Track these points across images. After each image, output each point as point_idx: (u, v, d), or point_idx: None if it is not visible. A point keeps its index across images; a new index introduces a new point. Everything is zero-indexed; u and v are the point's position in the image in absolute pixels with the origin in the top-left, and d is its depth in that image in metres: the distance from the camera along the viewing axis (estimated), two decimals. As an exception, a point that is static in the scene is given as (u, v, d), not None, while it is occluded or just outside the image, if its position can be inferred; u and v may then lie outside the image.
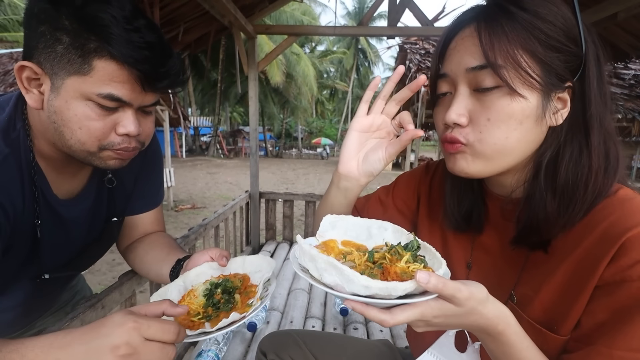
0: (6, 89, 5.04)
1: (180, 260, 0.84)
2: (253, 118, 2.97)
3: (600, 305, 0.48)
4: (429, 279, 0.41)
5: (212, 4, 2.13)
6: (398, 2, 2.64)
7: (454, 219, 0.68)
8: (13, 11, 12.01)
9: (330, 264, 0.44)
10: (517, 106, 0.51)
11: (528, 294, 0.57)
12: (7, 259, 0.69)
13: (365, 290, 0.43)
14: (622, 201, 0.51)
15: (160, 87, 0.67)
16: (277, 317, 1.85)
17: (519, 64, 0.49)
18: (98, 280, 3.78)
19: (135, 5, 0.64)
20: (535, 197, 0.55)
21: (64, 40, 0.59)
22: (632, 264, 0.45)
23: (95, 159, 0.69)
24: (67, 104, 0.62)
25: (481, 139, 0.53)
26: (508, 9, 0.51)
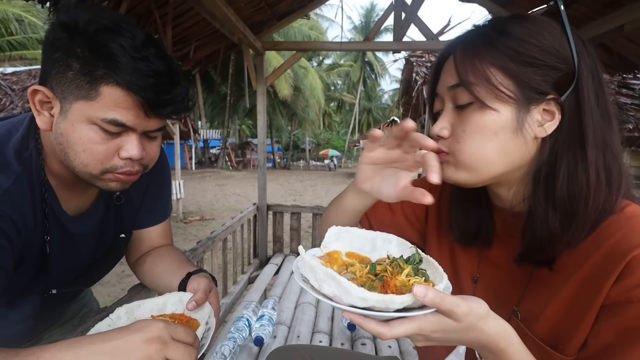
0: (24, 105, 5.22)
1: (190, 274, 0.85)
2: (261, 131, 3.02)
3: (607, 325, 0.48)
4: (426, 292, 0.41)
5: (223, 23, 2.20)
6: (403, 17, 2.69)
7: (460, 233, 0.69)
8: (32, 30, 12.49)
9: (329, 275, 0.45)
10: (489, 119, 0.54)
11: (533, 311, 0.56)
12: (17, 273, 0.70)
13: (362, 302, 0.43)
14: (629, 218, 0.50)
15: (163, 114, 0.69)
16: (284, 332, 1.84)
17: (489, 80, 0.53)
18: (107, 292, 3.81)
19: (149, 35, 0.67)
20: (537, 213, 0.55)
21: (75, 67, 0.62)
22: (638, 284, 0.45)
23: (97, 180, 0.71)
24: (73, 127, 0.64)
25: (459, 148, 0.57)
26: (486, 34, 0.56)
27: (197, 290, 0.75)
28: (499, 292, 0.64)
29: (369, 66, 32.80)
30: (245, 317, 1.81)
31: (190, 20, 2.26)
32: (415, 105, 7.07)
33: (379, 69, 33.22)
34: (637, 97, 5.15)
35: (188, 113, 0.75)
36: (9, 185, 0.66)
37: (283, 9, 2.76)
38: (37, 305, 0.86)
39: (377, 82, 36.01)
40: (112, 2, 1.70)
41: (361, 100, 33.79)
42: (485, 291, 0.67)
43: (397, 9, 2.67)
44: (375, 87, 36.43)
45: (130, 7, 1.76)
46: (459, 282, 0.72)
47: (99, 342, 0.51)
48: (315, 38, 20.65)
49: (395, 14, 2.68)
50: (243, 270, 2.91)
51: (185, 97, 0.69)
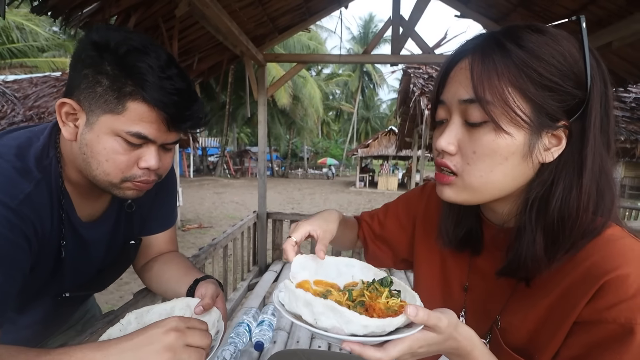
0: (25, 112, 5.27)
1: (198, 281, 0.88)
2: (262, 141, 3.08)
3: (577, 340, 0.51)
4: (417, 312, 0.46)
5: (226, 36, 2.28)
6: (401, 32, 2.78)
7: (450, 239, 0.70)
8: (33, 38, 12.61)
9: (329, 307, 0.46)
10: (502, 142, 0.52)
11: (513, 322, 0.59)
12: (33, 276, 0.74)
13: (363, 330, 0.45)
14: (607, 242, 0.51)
15: (183, 128, 0.74)
16: (283, 337, 1.87)
17: (507, 101, 0.50)
18: (105, 300, 3.81)
19: (170, 55, 0.72)
20: (525, 233, 0.55)
21: (104, 83, 0.67)
22: (608, 307, 0.47)
23: (116, 189, 0.75)
24: (99, 138, 0.69)
25: (469, 170, 0.55)
26: (504, 44, 0.51)
27: (205, 295, 0.79)
28: (485, 301, 0.66)
29: (367, 76, 33.16)
30: (245, 322, 1.84)
31: (194, 34, 2.33)
32: (412, 115, 7.18)
33: (377, 79, 33.58)
34: (628, 110, 5.27)
35: (204, 128, 0.80)
36: (31, 190, 0.69)
37: (284, 22, 2.85)
38: (47, 309, 0.89)
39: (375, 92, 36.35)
40: (122, 16, 1.77)
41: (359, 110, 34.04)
42: (474, 300, 0.68)
43: (394, 23, 2.77)
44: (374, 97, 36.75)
45: (138, 21, 1.83)
46: (449, 290, 0.73)
47: (124, 341, 0.56)
48: (315, 48, 20.90)
49: (393, 29, 2.78)
50: (243, 277, 2.94)
51: (202, 113, 0.75)
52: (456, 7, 2.80)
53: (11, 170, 0.68)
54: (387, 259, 0.92)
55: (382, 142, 19.36)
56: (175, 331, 0.57)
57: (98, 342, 0.57)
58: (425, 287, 0.78)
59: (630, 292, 0.46)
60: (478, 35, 0.57)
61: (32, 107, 5.40)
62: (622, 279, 0.47)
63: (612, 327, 0.47)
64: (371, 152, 19.43)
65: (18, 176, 0.68)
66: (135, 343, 0.56)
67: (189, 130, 0.76)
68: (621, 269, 0.47)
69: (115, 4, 1.62)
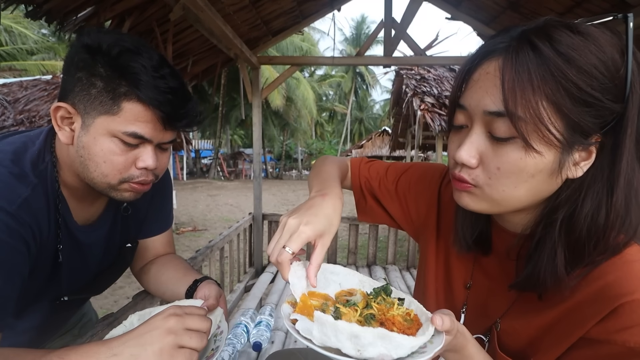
0: (16, 116, 5.21)
1: (197, 282, 0.89)
2: (257, 143, 3.09)
3: (581, 354, 0.50)
4: (443, 321, 0.47)
5: (220, 39, 2.29)
6: (393, 34, 2.82)
7: (466, 244, 0.66)
8: (22, 40, 12.47)
9: (379, 336, 0.44)
10: (531, 161, 0.47)
11: (514, 326, 0.58)
12: (31, 280, 0.74)
13: (410, 350, 0.45)
14: (625, 262, 0.49)
15: (179, 127, 0.75)
16: (281, 337, 1.88)
17: (541, 118, 0.44)
18: (100, 304, 3.78)
19: (162, 56, 0.73)
20: (545, 248, 0.52)
21: (98, 85, 0.68)
22: (619, 329, 0.46)
23: (114, 191, 0.76)
24: (95, 140, 0.70)
25: (490, 184, 0.51)
26: (540, 49, 0.44)
27: (209, 296, 0.81)
28: (486, 301, 0.65)
29: (360, 77, 33.31)
30: (243, 323, 1.85)
31: (188, 37, 2.35)
32: (405, 116, 7.24)
33: (370, 80, 33.74)
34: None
35: (200, 126, 0.81)
36: (28, 195, 0.70)
37: (278, 25, 2.88)
38: (45, 313, 0.89)
39: (369, 93, 36.50)
40: (116, 20, 1.77)
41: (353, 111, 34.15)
42: (475, 299, 0.68)
43: (387, 25, 2.81)
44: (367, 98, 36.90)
45: (132, 25, 1.84)
46: (451, 287, 0.72)
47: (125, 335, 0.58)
48: (307, 49, 20.95)
49: (385, 31, 2.82)
50: (239, 279, 2.95)
51: (197, 112, 0.76)
52: (447, 10, 2.85)
53: (8, 175, 0.68)
54: (382, 218, 0.88)
55: (375, 143, 19.48)
56: (174, 316, 0.58)
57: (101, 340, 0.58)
58: (429, 281, 0.77)
59: None
60: (506, 31, 0.50)
61: (23, 111, 5.34)
62: (638, 304, 0.45)
63: (620, 349, 0.46)
64: (365, 153, 19.52)
65: (15, 181, 0.69)
66: (137, 332, 0.57)
67: (185, 128, 0.77)
68: (638, 294, 0.46)
69: (110, 8, 1.63)
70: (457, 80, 0.54)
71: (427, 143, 8.68)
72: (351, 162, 0.90)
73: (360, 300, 0.57)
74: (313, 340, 0.48)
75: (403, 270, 3.24)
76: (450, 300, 0.72)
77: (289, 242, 0.54)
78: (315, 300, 0.56)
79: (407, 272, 3.20)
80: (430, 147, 10.21)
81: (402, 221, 0.85)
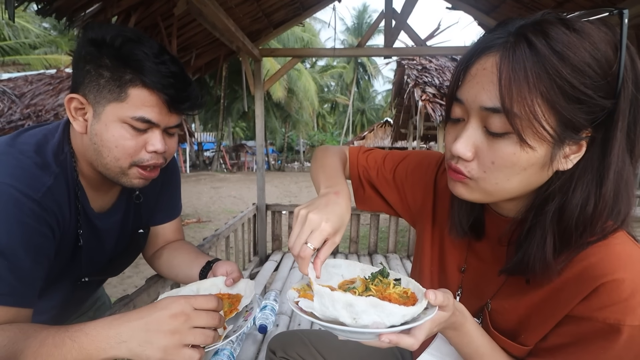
0: (23, 110, 5.27)
1: (210, 262, 0.96)
2: (259, 135, 3.14)
3: (567, 330, 0.55)
4: (436, 295, 0.50)
5: (222, 32, 2.33)
6: (394, 25, 2.84)
7: (462, 230, 0.69)
8: (25, 35, 12.47)
9: (371, 304, 0.48)
10: (524, 156, 0.49)
11: (504, 306, 0.62)
12: (54, 262, 0.79)
13: (402, 319, 0.49)
14: (607, 245, 0.52)
15: (183, 109, 0.80)
16: (285, 321, 1.97)
17: (535, 115, 0.46)
18: (110, 292, 3.84)
19: (161, 44, 0.78)
20: (536, 236, 0.55)
21: (105, 75, 0.72)
22: (600, 307, 0.50)
23: (124, 176, 0.80)
24: (107, 127, 0.74)
25: (485, 178, 0.54)
26: (536, 46, 0.46)
27: (233, 270, 0.88)
28: (479, 284, 0.68)
29: (362, 68, 33.02)
30: (249, 307, 1.93)
31: (192, 31, 2.38)
32: (407, 106, 7.23)
33: (372, 70, 33.45)
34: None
35: (202, 109, 0.86)
36: (52, 183, 0.75)
37: (279, 17, 2.90)
38: (66, 293, 0.95)
39: (370, 84, 36.22)
40: (122, 16, 1.82)
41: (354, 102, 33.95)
42: (469, 282, 0.71)
43: (387, 16, 2.82)
44: (369, 89, 36.63)
45: (138, 19, 1.88)
46: (445, 271, 0.75)
47: (135, 320, 0.58)
48: (309, 40, 20.78)
49: (385, 21, 2.83)
50: (244, 267, 3.03)
51: (198, 95, 0.81)
52: None
53: (33, 165, 0.73)
54: (380, 207, 0.91)
55: (377, 134, 19.41)
56: (182, 315, 0.58)
57: (110, 317, 0.60)
58: (424, 266, 0.80)
59: (622, 296, 0.48)
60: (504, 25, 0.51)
61: (29, 105, 5.40)
62: (618, 283, 0.49)
63: (601, 325, 0.50)
64: (367, 144, 19.37)
65: (39, 170, 0.74)
66: (145, 323, 0.58)
67: (188, 111, 0.81)
68: (618, 274, 0.49)
69: (117, 4, 1.67)
70: (455, 74, 0.56)
71: (428, 134, 8.67)
72: (350, 151, 0.93)
73: (360, 285, 0.60)
74: (314, 312, 0.52)
75: (404, 258, 3.31)
76: (445, 284, 0.76)
77: (310, 238, 0.56)
78: None
79: (408, 260, 3.27)
80: (432, 137, 10.19)
81: (399, 209, 0.88)
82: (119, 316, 0.60)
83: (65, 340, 0.58)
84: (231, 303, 0.81)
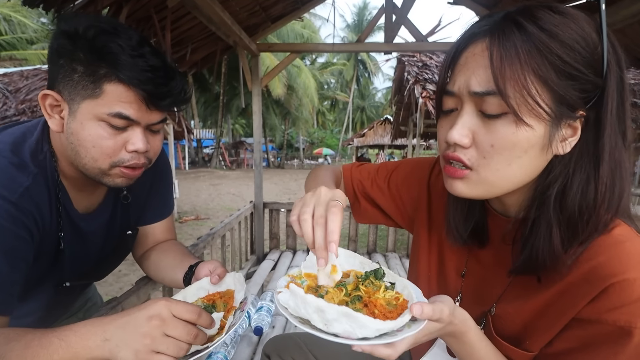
0: (17, 106, 5.20)
1: (192, 267, 0.91)
2: (257, 131, 3.09)
3: (574, 334, 0.52)
4: (422, 309, 0.47)
5: (218, 26, 2.27)
6: (394, 19, 2.78)
7: (460, 236, 0.67)
8: (22, 30, 12.37)
9: (343, 314, 0.45)
10: (523, 135, 0.48)
11: (508, 311, 0.60)
12: (34, 266, 0.76)
13: (376, 332, 0.46)
14: (615, 243, 0.50)
15: (163, 106, 0.74)
16: (282, 322, 1.93)
17: (529, 91, 0.46)
18: (105, 291, 3.85)
19: (141, 35, 0.73)
20: (541, 228, 0.53)
21: (79, 70, 0.68)
22: (609, 309, 0.48)
23: (105, 177, 0.76)
24: (82, 125, 0.70)
25: (485, 164, 0.52)
26: (525, 26, 0.47)
27: (216, 267, 0.83)
28: (481, 289, 0.66)
29: (362, 65, 32.93)
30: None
31: (187, 24, 2.32)
32: (407, 104, 7.18)
33: (372, 68, 33.36)
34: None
35: (186, 105, 0.80)
36: (29, 184, 0.71)
37: (277, 12, 2.84)
38: (49, 298, 0.91)
39: (371, 81, 36.16)
40: (113, 8, 1.76)
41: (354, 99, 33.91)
42: (470, 286, 0.69)
43: (387, 11, 2.77)
44: (369, 86, 36.58)
45: (130, 12, 1.83)
46: (444, 275, 0.73)
47: (119, 318, 0.58)
48: (308, 36, 20.68)
49: (386, 17, 2.78)
50: (241, 267, 2.99)
51: (181, 90, 0.75)
52: (449, -6, 2.80)
53: (9, 165, 0.69)
54: (377, 218, 0.90)
55: (377, 132, 19.34)
56: (157, 320, 0.56)
57: (98, 318, 0.59)
58: (421, 271, 0.78)
59: (633, 297, 0.46)
60: (489, 16, 0.52)
61: (24, 101, 5.32)
62: (628, 283, 0.47)
63: (610, 328, 0.48)
64: (367, 142, 19.43)
65: (16, 171, 0.70)
66: (125, 322, 0.57)
67: (170, 108, 0.76)
68: (628, 274, 0.47)
69: (107, -5, 1.61)
70: (444, 68, 0.55)
71: (429, 131, 8.63)
72: (343, 168, 0.94)
73: (352, 282, 0.58)
74: (289, 309, 0.51)
75: (403, 257, 3.27)
76: (444, 289, 0.73)
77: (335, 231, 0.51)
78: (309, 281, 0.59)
79: (407, 259, 3.24)
80: (432, 135, 10.14)
81: (396, 216, 0.87)
82: (109, 316, 0.59)
83: (52, 340, 0.57)
84: (225, 302, 0.77)
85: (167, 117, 0.82)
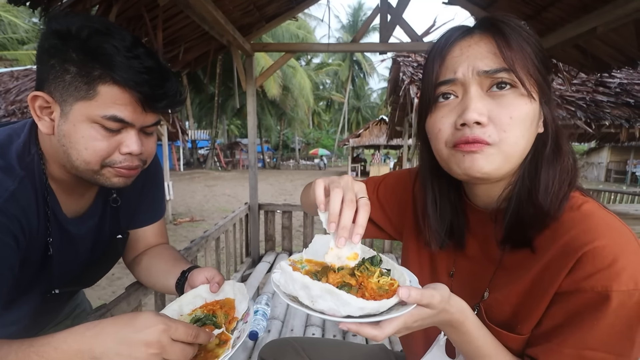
0: (7, 107, 5.12)
1: (185, 272, 0.88)
2: (252, 132, 3.06)
3: (558, 309, 0.54)
4: (409, 293, 0.47)
5: (212, 25, 2.24)
6: (389, 19, 2.77)
7: (440, 238, 0.70)
8: (13, 30, 12.20)
9: (326, 291, 0.47)
10: (530, 107, 0.55)
11: (497, 298, 0.62)
12: (20, 273, 0.73)
13: (360, 311, 0.47)
14: (584, 216, 0.55)
15: (159, 108, 0.72)
16: (277, 326, 1.89)
17: (529, 69, 0.55)
18: (98, 295, 3.79)
19: (135, 36, 0.70)
20: (520, 194, 0.59)
21: (72, 70, 0.65)
22: (586, 277, 0.50)
23: (100, 177, 0.73)
24: (75, 127, 0.68)
25: (506, 138, 0.55)
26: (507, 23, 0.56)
27: (214, 275, 0.81)
28: (471, 282, 0.68)
29: (357, 65, 32.96)
30: (239, 313, 1.86)
31: (179, 23, 2.28)
32: (402, 104, 7.18)
33: (367, 68, 33.41)
34: (613, 95, 5.36)
35: (181, 106, 0.78)
36: (15, 188, 0.68)
37: (271, 11, 2.81)
38: (36, 305, 0.88)
39: (366, 81, 36.22)
40: (103, 6, 1.72)
41: (350, 99, 33.94)
42: (460, 283, 0.71)
43: (382, 11, 2.75)
44: (364, 86, 36.64)
45: (120, 11, 1.79)
46: (436, 277, 0.75)
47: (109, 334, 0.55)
48: (303, 37, 20.65)
49: (381, 16, 2.76)
50: (236, 269, 2.95)
51: (177, 91, 0.73)
52: (444, -6, 2.79)
53: None
54: (370, 232, 0.91)
55: (373, 132, 19.35)
56: (156, 345, 0.55)
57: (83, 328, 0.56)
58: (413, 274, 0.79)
59: (606, 262, 0.49)
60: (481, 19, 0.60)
61: (14, 102, 5.25)
62: (599, 250, 0.50)
63: (589, 295, 0.50)
64: (362, 142, 19.42)
65: (1, 174, 0.67)
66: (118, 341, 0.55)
67: (166, 109, 0.74)
68: (598, 241, 0.50)
69: (96, -7, 1.57)
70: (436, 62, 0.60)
71: (424, 131, 8.60)
72: None
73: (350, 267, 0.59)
74: (280, 287, 0.54)
75: (399, 258, 3.25)
76: None
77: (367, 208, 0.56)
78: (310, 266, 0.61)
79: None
80: (427, 135, 10.11)
81: (388, 227, 0.88)
82: (93, 326, 0.55)
83: (30, 355, 0.54)
84: (226, 312, 0.75)
85: (161, 119, 0.80)
